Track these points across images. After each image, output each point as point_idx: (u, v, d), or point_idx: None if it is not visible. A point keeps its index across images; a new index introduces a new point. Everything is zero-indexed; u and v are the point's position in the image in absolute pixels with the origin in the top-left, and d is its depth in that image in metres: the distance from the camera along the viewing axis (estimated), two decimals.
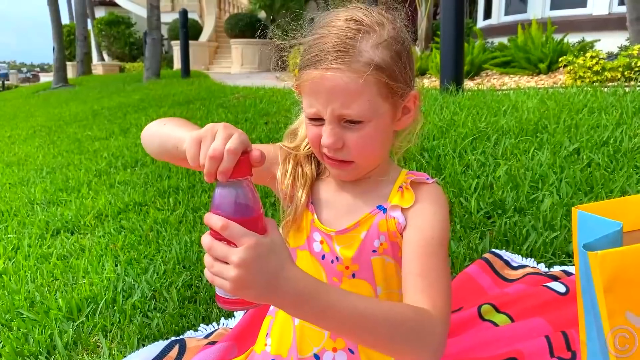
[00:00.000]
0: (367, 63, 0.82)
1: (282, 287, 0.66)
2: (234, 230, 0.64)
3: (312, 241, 0.96)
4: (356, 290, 0.92)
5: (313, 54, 0.85)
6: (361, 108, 0.83)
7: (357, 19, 0.85)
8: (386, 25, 0.86)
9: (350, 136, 0.86)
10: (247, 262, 0.63)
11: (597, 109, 3.10)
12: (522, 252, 1.65)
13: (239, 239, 0.64)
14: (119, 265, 1.98)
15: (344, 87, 0.82)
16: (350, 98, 0.83)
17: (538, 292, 1.32)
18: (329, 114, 0.84)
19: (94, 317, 1.62)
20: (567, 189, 1.99)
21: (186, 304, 1.63)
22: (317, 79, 0.83)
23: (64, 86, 12.67)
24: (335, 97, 0.83)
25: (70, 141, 5.03)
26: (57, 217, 2.69)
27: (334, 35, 0.84)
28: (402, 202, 0.90)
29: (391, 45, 0.85)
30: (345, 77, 0.82)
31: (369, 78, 0.82)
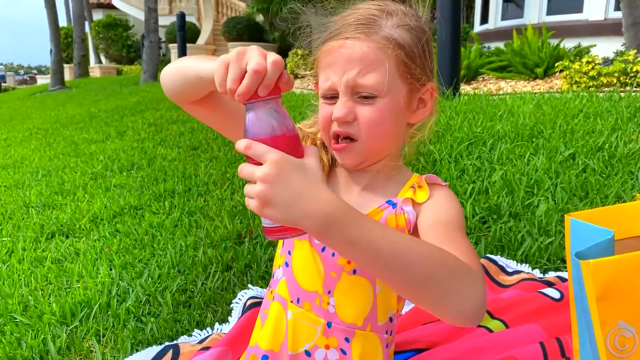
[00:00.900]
0: (386, 37, 0.84)
1: (307, 207, 0.63)
2: (257, 148, 0.64)
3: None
4: (353, 288, 0.91)
5: (334, 28, 0.87)
6: (377, 80, 0.83)
7: (382, 4, 0.88)
8: (410, 16, 0.88)
9: (362, 110, 0.85)
10: (269, 177, 0.62)
11: (593, 114, 3.11)
12: (517, 257, 1.65)
13: (262, 156, 0.63)
14: (113, 269, 1.97)
15: (362, 55, 0.83)
16: (367, 67, 0.83)
17: (533, 298, 1.32)
18: (344, 84, 0.84)
19: (88, 322, 1.61)
20: (562, 195, 1.99)
21: (180, 309, 1.62)
22: (335, 48, 0.84)
23: (61, 88, 12.65)
24: (352, 64, 0.83)
25: (66, 144, 5.02)
26: (52, 220, 2.68)
27: (357, 13, 0.87)
28: (416, 197, 0.89)
29: (413, 30, 0.86)
30: (364, 46, 0.83)
31: (387, 51, 0.83)
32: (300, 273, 0.95)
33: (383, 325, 0.93)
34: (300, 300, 0.94)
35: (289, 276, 0.96)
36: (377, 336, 0.93)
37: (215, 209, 2.50)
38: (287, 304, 0.96)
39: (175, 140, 4.23)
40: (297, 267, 0.95)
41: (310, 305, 0.93)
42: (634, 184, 2.04)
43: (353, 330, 0.92)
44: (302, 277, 0.95)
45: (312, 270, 0.93)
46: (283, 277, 0.98)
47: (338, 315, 0.92)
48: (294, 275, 0.96)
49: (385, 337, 0.94)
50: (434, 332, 1.25)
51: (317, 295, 0.93)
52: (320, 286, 0.93)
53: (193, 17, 16.64)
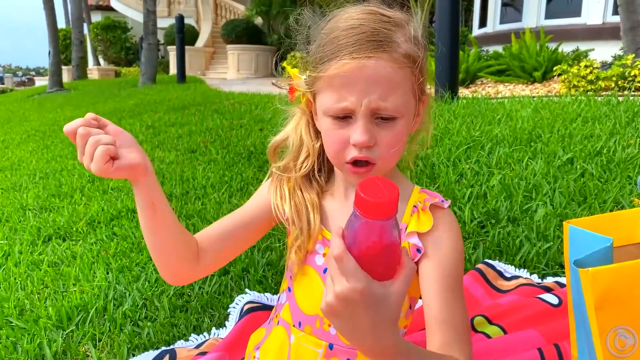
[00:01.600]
0: (405, 54, 0.80)
1: (367, 343, 0.63)
2: (347, 266, 0.60)
3: (315, 254, 0.93)
4: None
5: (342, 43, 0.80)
6: (398, 102, 0.80)
7: (384, 13, 0.83)
8: (410, 23, 0.85)
9: (382, 134, 0.82)
10: (343, 299, 0.60)
11: (591, 118, 3.12)
12: (515, 262, 1.65)
13: (348, 276, 0.60)
14: (110, 273, 1.96)
15: (386, 77, 0.79)
16: (390, 89, 0.79)
17: (531, 303, 1.32)
18: (364, 106, 0.80)
19: (84, 326, 1.60)
20: (560, 199, 1.99)
21: (177, 313, 1.62)
22: (354, 69, 0.78)
23: (59, 90, 12.63)
24: (374, 87, 0.79)
25: (64, 146, 5.01)
26: (49, 223, 2.67)
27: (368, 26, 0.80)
28: (419, 227, 0.87)
29: (420, 42, 0.84)
30: (388, 67, 0.79)
31: (406, 70, 0.81)
32: (302, 297, 0.95)
33: None
34: (302, 324, 0.94)
35: (291, 301, 0.97)
36: None
37: (212, 212, 2.49)
38: (290, 328, 0.96)
39: (173, 143, 4.23)
40: (298, 291, 0.96)
41: (311, 329, 0.93)
42: (632, 189, 2.04)
43: (355, 351, 0.91)
44: (303, 301, 0.95)
45: (314, 294, 0.93)
46: (286, 302, 0.98)
47: (339, 336, 0.91)
48: (295, 300, 0.96)
49: None
50: None
51: (317, 318, 0.93)
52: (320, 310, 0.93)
53: (192, 20, 16.66)
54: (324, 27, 0.86)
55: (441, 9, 4.47)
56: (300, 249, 0.93)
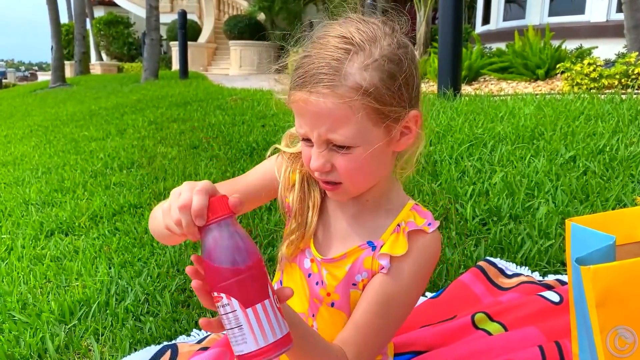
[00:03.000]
0: (352, 88, 0.77)
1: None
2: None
3: (304, 257, 0.96)
4: (332, 319, 0.93)
5: (299, 75, 0.80)
6: (348, 134, 0.79)
7: (347, 36, 0.79)
8: (380, 42, 0.80)
9: (339, 160, 0.82)
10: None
11: (594, 116, 3.11)
12: (517, 260, 1.65)
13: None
14: (112, 268, 1.97)
15: (328, 113, 0.78)
16: (336, 123, 0.78)
17: (532, 301, 1.32)
18: (316, 137, 0.81)
19: (86, 321, 1.61)
20: (562, 197, 1.99)
21: (179, 309, 1.62)
22: (301, 102, 0.80)
23: (62, 85, 12.64)
24: (320, 121, 0.79)
25: (66, 141, 5.02)
26: (52, 218, 2.68)
27: (321, 56, 0.78)
28: (393, 250, 0.87)
29: (383, 66, 0.78)
30: (328, 103, 0.77)
31: (355, 103, 0.77)
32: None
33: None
34: None
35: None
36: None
37: None
38: None
39: (176, 139, 4.23)
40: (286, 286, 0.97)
41: None
42: (635, 187, 2.04)
43: None
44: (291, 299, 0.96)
45: (299, 294, 0.96)
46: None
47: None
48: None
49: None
50: (432, 334, 1.25)
51: (305, 317, 0.96)
52: (306, 308, 0.95)
53: (194, 15, 16.64)
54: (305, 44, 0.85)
55: (444, 6, 4.46)
56: (292, 244, 0.94)
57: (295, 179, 0.95)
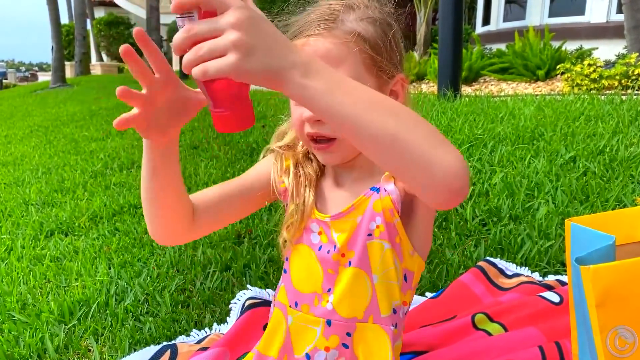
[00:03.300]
0: (348, 31, 0.83)
1: (288, 51, 0.57)
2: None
3: (310, 232, 0.95)
4: (351, 282, 0.90)
5: (297, 26, 0.86)
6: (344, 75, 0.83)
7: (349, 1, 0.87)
8: (373, 9, 0.87)
9: None
10: (244, 22, 0.54)
11: (594, 117, 3.11)
12: (517, 260, 1.65)
13: (224, 1, 0.55)
14: (112, 268, 1.97)
15: (325, 52, 0.82)
16: (332, 63, 0.79)
17: (532, 301, 1.32)
18: None
19: (86, 321, 1.61)
20: (562, 198, 1.99)
21: (179, 309, 1.62)
22: (301, 45, 0.83)
23: (62, 86, 12.65)
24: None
25: (66, 141, 5.02)
26: (52, 218, 2.68)
27: (320, 10, 0.86)
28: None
29: (376, 22, 0.85)
30: (327, 43, 0.82)
31: (351, 45, 0.83)
32: (298, 277, 0.96)
33: (387, 317, 0.92)
34: (298, 303, 0.95)
35: (287, 282, 0.98)
36: (383, 328, 0.92)
37: None
38: (287, 310, 0.97)
39: None
40: (294, 272, 0.97)
41: (309, 307, 0.94)
42: (635, 188, 2.04)
43: (354, 323, 0.92)
44: (299, 281, 0.96)
45: (310, 272, 0.94)
46: (282, 284, 0.99)
47: (337, 311, 0.92)
48: (291, 281, 0.97)
49: (391, 330, 0.92)
50: (432, 334, 1.25)
51: (315, 295, 0.94)
52: (319, 286, 0.93)
53: None
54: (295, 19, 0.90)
55: (444, 6, 4.46)
56: (292, 226, 0.94)
57: (290, 164, 0.98)
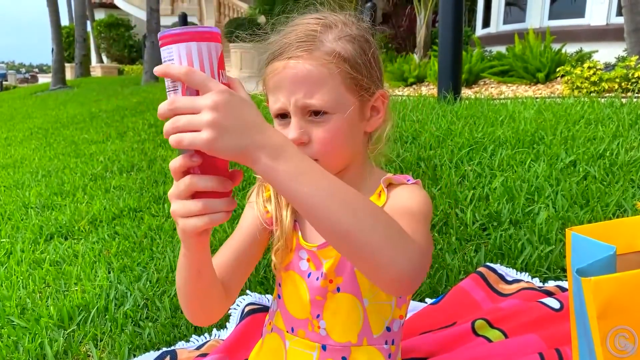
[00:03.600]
0: (328, 52, 0.83)
1: (261, 134, 0.60)
2: (198, 75, 0.59)
3: (299, 259, 0.95)
4: (341, 306, 0.91)
5: (276, 47, 0.86)
6: (325, 97, 0.83)
7: (321, 17, 0.87)
8: (351, 25, 0.87)
9: (315, 130, 0.84)
10: (221, 104, 0.57)
11: (594, 120, 3.11)
12: (517, 265, 1.64)
13: (206, 84, 0.59)
14: (112, 272, 1.97)
15: (306, 75, 0.82)
16: (313, 86, 0.82)
17: (532, 307, 1.32)
18: (293, 104, 0.83)
19: (85, 326, 1.61)
20: (562, 202, 1.99)
21: (178, 314, 1.62)
22: (279, 70, 0.84)
23: (62, 88, 12.64)
24: (297, 86, 0.83)
25: (66, 144, 5.02)
26: (52, 221, 2.67)
27: (296, 31, 0.85)
28: (378, 202, 0.89)
29: (355, 40, 0.86)
30: (307, 65, 0.82)
31: (331, 66, 0.83)
32: (290, 303, 0.97)
33: (380, 336, 0.93)
34: (294, 329, 0.96)
35: (282, 307, 0.99)
36: (377, 349, 0.93)
37: None
38: (285, 335, 0.98)
39: None
40: (287, 297, 0.98)
41: (304, 332, 0.95)
42: (635, 192, 2.03)
43: (348, 347, 0.92)
44: (292, 307, 0.97)
45: (299, 298, 0.95)
46: (278, 309, 1.00)
47: (331, 336, 0.93)
48: (285, 306, 0.98)
49: (386, 348, 0.94)
50: (432, 341, 1.24)
51: (308, 322, 0.95)
52: (308, 312, 0.94)
53: (195, 18, 16.66)
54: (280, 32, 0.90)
55: (444, 8, 4.46)
56: (279, 251, 0.95)
57: (270, 192, 0.97)
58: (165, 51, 0.62)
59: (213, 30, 0.63)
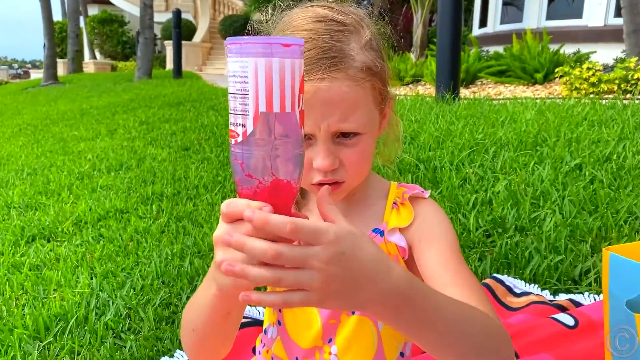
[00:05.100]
0: (361, 68, 0.73)
1: (384, 282, 0.52)
2: (307, 228, 0.49)
3: None
4: (356, 329, 0.81)
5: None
6: (360, 120, 0.73)
7: (335, 19, 0.74)
8: (364, 22, 0.77)
9: (346, 153, 0.75)
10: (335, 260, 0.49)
11: (597, 122, 3.02)
12: (525, 276, 1.55)
13: (317, 236, 0.49)
14: (94, 278, 1.86)
15: (342, 98, 0.71)
16: (349, 109, 0.72)
17: (544, 324, 1.22)
18: (324, 130, 0.72)
19: (62, 338, 1.49)
20: (570, 208, 1.89)
21: (163, 326, 1.51)
22: (309, 92, 0.70)
23: (54, 84, 12.47)
24: (332, 109, 0.71)
25: (55, 141, 4.89)
26: (34, 222, 2.56)
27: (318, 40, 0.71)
28: (400, 222, 0.81)
29: (374, 45, 0.77)
30: (343, 86, 0.71)
31: (365, 85, 0.73)
32: (295, 331, 0.85)
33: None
34: (299, 359, 0.85)
35: (283, 336, 0.87)
36: None
37: (204, 214, 2.39)
38: None
39: (167, 140, 4.11)
40: (290, 324, 0.86)
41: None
42: None
43: None
44: (297, 335, 0.85)
45: (308, 324, 0.84)
46: (278, 337, 0.88)
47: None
48: (288, 335, 0.86)
49: None
50: None
51: (316, 349, 0.84)
52: (319, 338, 0.83)
53: (189, 15, 16.51)
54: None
55: (443, 7, 4.37)
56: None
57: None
58: (237, 64, 0.51)
59: (298, 42, 0.52)
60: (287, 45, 0.50)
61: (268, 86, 0.50)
